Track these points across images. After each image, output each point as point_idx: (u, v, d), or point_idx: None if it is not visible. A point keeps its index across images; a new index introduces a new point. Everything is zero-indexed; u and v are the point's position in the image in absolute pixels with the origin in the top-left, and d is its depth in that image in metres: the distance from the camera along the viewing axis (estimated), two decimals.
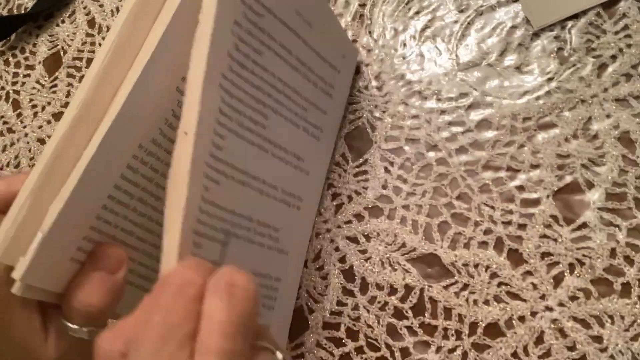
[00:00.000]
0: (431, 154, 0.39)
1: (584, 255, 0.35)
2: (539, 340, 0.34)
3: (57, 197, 0.27)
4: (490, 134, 0.38)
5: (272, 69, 0.33)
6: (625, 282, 0.34)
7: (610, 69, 0.37)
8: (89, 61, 0.54)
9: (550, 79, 0.38)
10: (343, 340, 0.38)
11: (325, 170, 0.41)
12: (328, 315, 0.39)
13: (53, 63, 0.58)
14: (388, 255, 0.38)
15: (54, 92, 0.56)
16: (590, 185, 0.36)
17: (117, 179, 0.30)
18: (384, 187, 0.40)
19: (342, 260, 0.40)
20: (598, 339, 0.33)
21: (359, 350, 0.38)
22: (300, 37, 0.35)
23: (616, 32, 0.37)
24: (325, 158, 0.41)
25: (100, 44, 0.53)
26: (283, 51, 0.34)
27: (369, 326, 0.38)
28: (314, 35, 0.36)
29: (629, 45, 0.37)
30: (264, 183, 0.34)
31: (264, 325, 0.26)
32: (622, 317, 0.33)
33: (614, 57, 0.37)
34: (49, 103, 0.56)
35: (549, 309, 0.35)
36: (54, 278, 0.28)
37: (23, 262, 0.26)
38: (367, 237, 0.39)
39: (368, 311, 0.38)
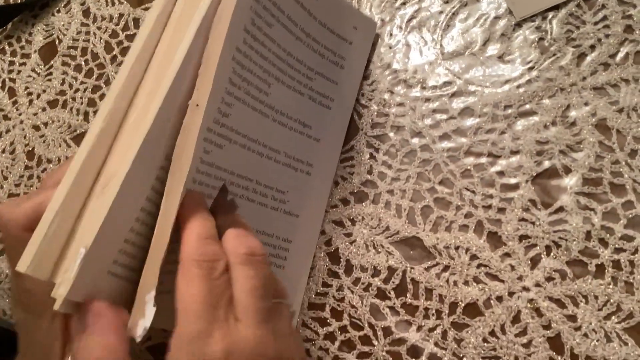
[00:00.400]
0: (415, 140, 0.40)
1: (560, 238, 0.36)
2: (516, 319, 0.36)
3: (94, 211, 0.27)
4: (472, 121, 0.40)
5: (279, 40, 0.34)
6: (599, 263, 0.35)
7: (589, 59, 0.38)
8: (84, 50, 0.55)
9: (531, 68, 0.39)
10: (328, 320, 0.39)
11: (341, 139, 0.42)
12: (314, 296, 0.40)
13: (48, 51, 0.59)
14: (372, 238, 0.40)
15: (49, 80, 0.57)
16: (568, 170, 0.37)
17: (148, 191, 0.30)
18: (369, 172, 0.41)
19: (328, 243, 0.41)
20: (572, 318, 0.35)
21: (343, 329, 0.39)
22: (305, 9, 0.36)
23: (595, 23, 0.38)
24: (340, 127, 0.42)
25: (95, 34, 0.54)
26: (289, 22, 0.35)
27: (352, 306, 0.39)
28: (319, 7, 0.37)
29: (607, 36, 0.38)
30: (265, 147, 0.35)
31: (280, 281, 0.30)
32: (596, 297, 0.34)
33: (592, 47, 0.38)
34: (44, 91, 0.57)
35: (525, 289, 0.36)
36: (94, 293, 0.28)
37: (66, 279, 0.26)
38: (352, 221, 0.40)
39: (352, 292, 0.39)
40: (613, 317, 0.34)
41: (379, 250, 0.39)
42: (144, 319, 0.27)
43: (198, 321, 0.26)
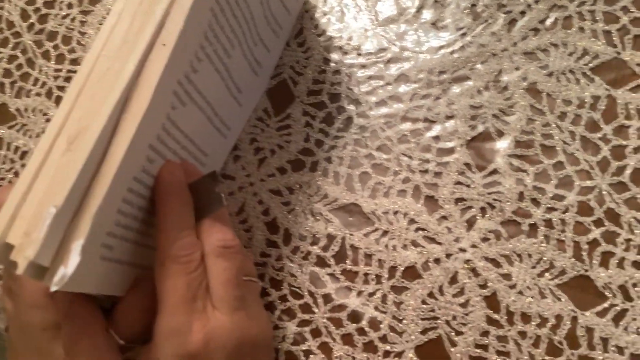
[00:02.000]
0: (352, 107, 0.40)
1: (494, 200, 0.36)
2: (453, 280, 0.36)
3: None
4: (408, 87, 0.40)
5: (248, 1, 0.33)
6: (532, 222, 0.36)
7: (519, 24, 0.39)
8: None
9: (464, 34, 0.39)
10: (267, 290, 0.38)
11: (254, 105, 0.42)
12: None
13: None
14: (311, 206, 0.39)
15: None
16: (501, 134, 0.37)
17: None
18: (306, 140, 0.40)
19: (266, 212, 0.40)
20: (507, 276, 0.35)
21: (283, 298, 0.38)
22: None
23: None
24: (257, 93, 0.41)
25: (10, 0, 0.51)
26: None
27: (292, 275, 0.38)
28: None
29: (537, 1, 0.39)
30: (213, 110, 0.34)
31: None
32: (530, 256, 0.35)
33: (523, 13, 0.39)
34: None
35: (462, 250, 0.36)
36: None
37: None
38: (290, 190, 0.40)
39: (291, 261, 0.39)
40: (546, 274, 0.35)
41: (318, 218, 0.39)
42: (65, 268, 0.25)
43: (178, 315, 0.28)
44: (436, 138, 0.38)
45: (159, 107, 0.28)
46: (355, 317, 0.37)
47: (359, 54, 0.41)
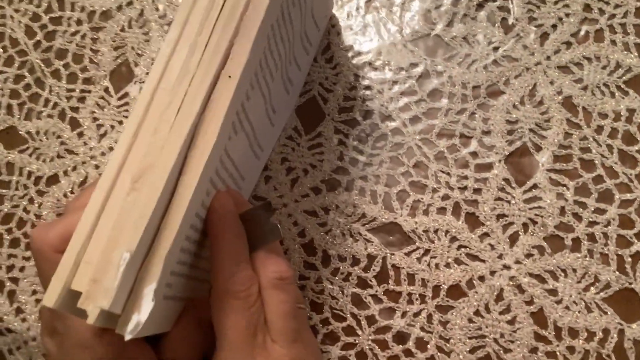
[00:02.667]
0: (385, 124, 0.40)
1: (536, 215, 0.37)
2: (499, 297, 0.36)
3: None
4: (442, 102, 0.39)
5: (294, 20, 0.32)
6: (575, 237, 0.36)
7: (551, 37, 0.39)
8: (0, 35, 0.49)
9: (496, 48, 0.39)
10: (308, 314, 0.38)
11: (284, 124, 0.41)
12: None
13: None
14: (348, 226, 0.38)
15: None
16: (539, 148, 0.37)
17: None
18: (340, 159, 0.40)
19: (302, 234, 0.39)
20: (553, 292, 0.35)
21: (325, 322, 0.38)
22: None
23: (555, 2, 0.39)
24: (287, 112, 0.41)
25: (12, 17, 0.48)
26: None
27: (333, 297, 0.38)
28: None
29: (567, 15, 0.39)
30: (254, 135, 0.33)
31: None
32: (574, 270, 0.36)
33: (554, 27, 0.39)
34: None
35: (506, 267, 0.36)
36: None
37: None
38: (326, 210, 0.39)
39: (332, 283, 0.38)
40: (592, 288, 0.35)
41: (357, 238, 0.38)
42: (138, 314, 0.24)
43: (240, 351, 0.28)
44: (473, 154, 0.38)
45: (221, 141, 0.27)
46: (401, 338, 0.37)
47: (390, 70, 0.40)
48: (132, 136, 0.26)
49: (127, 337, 0.24)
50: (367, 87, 0.40)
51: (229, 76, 0.26)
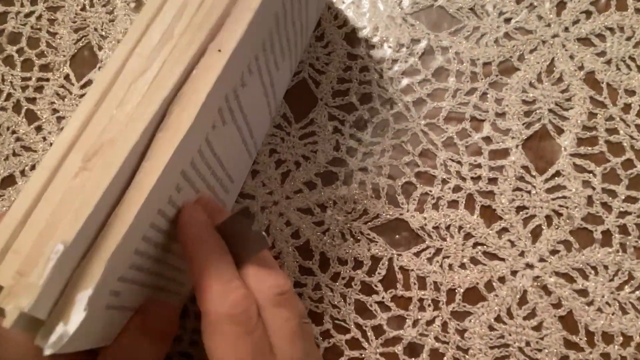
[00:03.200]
0: (386, 108, 0.35)
1: (560, 206, 0.32)
2: (523, 300, 0.32)
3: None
4: (449, 82, 0.35)
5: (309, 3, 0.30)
6: (605, 229, 0.32)
7: (569, 6, 0.35)
8: None
9: (507, 20, 0.35)
10: None
11: (275, 113, 0.36)
12: None
13: None
14: (348, 225, 0.34)
15: None
16: (560, 130, 0.33)
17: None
18: (336, 148, 0.35)
19: (295, 235, 0.35)
20: (583, 292, 0.32)
21: (326, 334, 0.33)
22: None
23: None
24: (279, 99, 0.36)
25: None
26: None
27: (334, 306, 0.33)
28: None
29: None
30: (249, 130, 0.29)
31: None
32: (606, 267, 0.32)
33: None
34: None
35: (529, 266, 0.32)
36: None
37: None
38: (322, 207, 0.35)
39: (332, 290, 0.33)
40: (626, 287, 0.31)
41: (358, 238, 0.34)
42: (64, 325, 0.19)
43: None
44: (487, 139, 0.34)
45: (201, 126, 0.22)
46: (413, 350, 0.32)
47: (389, 47, 0.36)
48: (93, 106, 0.21)
49: (47, 352, 0.19)
50: (364, 68, 0.36)
51: (219, 50, 0.21)
